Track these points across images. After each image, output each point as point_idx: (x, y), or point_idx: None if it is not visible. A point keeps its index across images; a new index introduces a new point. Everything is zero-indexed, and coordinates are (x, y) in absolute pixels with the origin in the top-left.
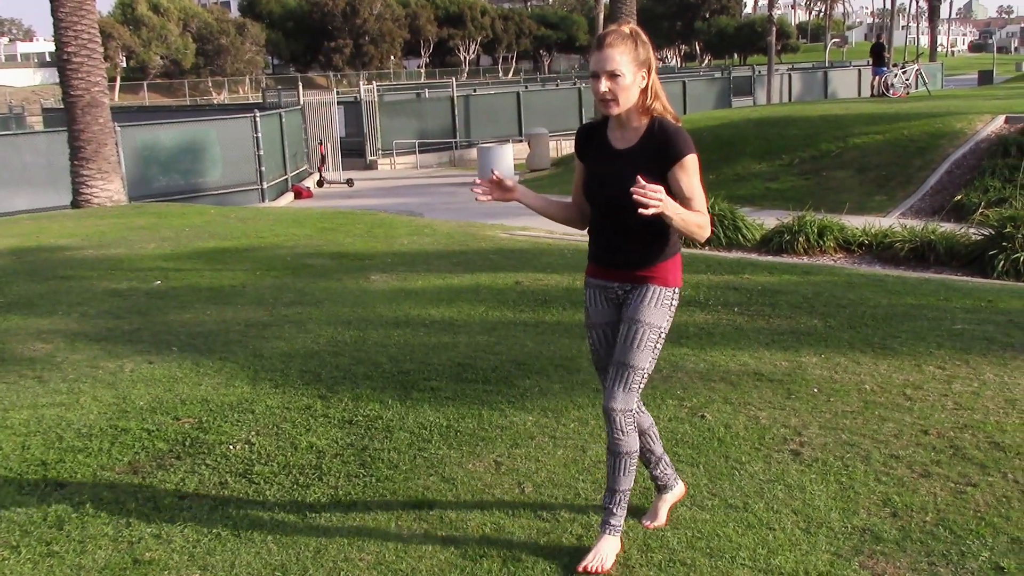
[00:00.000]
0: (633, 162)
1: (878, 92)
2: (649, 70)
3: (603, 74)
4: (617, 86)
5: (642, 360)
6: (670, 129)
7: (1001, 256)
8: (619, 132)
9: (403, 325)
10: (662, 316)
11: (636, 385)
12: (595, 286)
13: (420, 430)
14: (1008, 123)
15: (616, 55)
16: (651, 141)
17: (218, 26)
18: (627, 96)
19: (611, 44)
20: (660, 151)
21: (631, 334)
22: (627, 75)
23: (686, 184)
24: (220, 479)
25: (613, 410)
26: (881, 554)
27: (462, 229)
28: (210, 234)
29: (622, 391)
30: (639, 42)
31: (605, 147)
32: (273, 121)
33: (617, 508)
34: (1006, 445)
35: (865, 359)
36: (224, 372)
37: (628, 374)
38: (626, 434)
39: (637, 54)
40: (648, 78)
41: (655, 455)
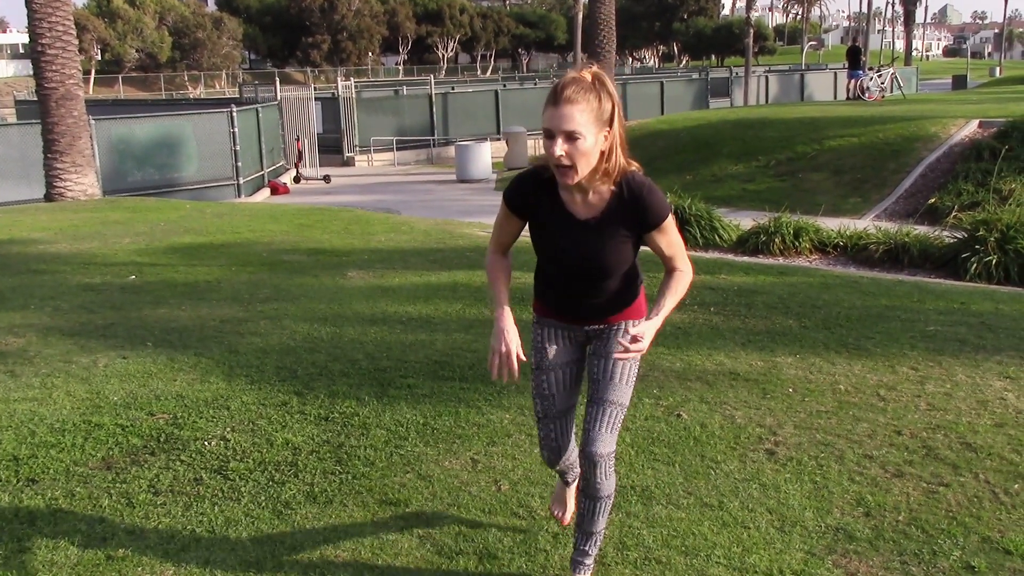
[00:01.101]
0: (602, 233)
1: (853, 95)
2: (612, 125)
3: (559, 134)
4: (576, 150)
5: (627, 395)
6: (643, 193)
7: (974, 259)
8: (579, 197)
9: (380, 322)
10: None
11: (617, 424)
12: (553, 326)
13: (397, 427)
14: (981, 127)
15: (576, 113)
16: (622, 208)
17: (195, 20)
18: (587, 161)
19: (570, 99)
20: (635, 220)
21: (616, 369)
22: (587, 136)
23: (666, 244)
24: (195, 475)
25: (598, 455)
26: (854, 553)
27: (439, 226)
28: (185, 229)
29: (608, 432)
30: (603, 93)
31: (562, 214)
32: (250, 116)
33: (591, 547)
34: (978, 446)
35: (840, 360)
36: (199, 368)
37: (615, 412)
38: (608, 477)
39: (601, 109)
40: (610, 137)
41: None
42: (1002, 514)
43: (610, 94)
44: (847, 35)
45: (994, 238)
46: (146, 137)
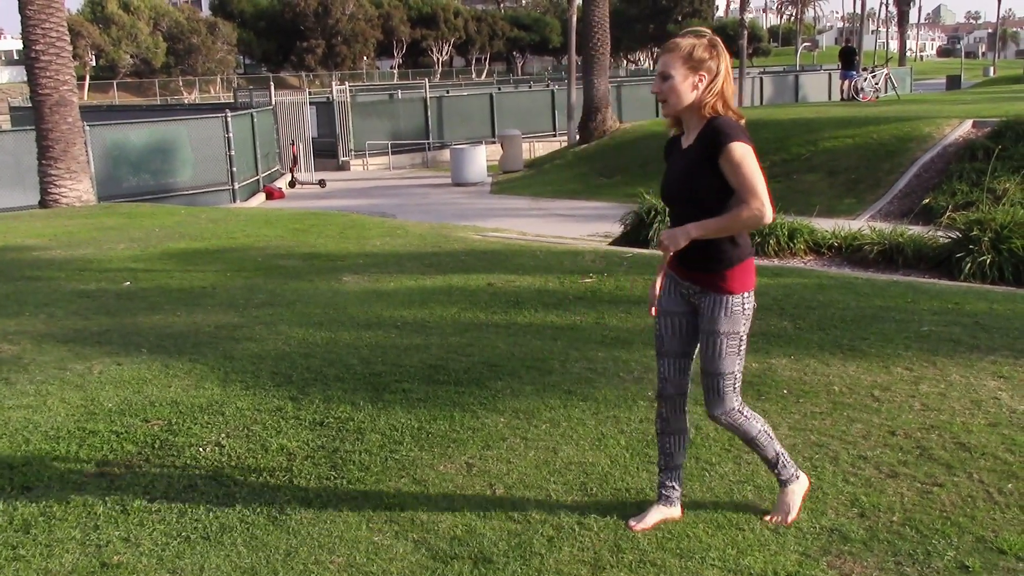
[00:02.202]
0: (689, 158)
1: (848, 96)
2: (709, 74)
3: (657, 75)
4: (667, 86)
5: (727, 366)
6: (717, 123)
7: (968, 259)
8: (687, 134)
9: (375, 327)
10: (737, 322)
11: (729, 388)
12: (671, 277)
13: (392, 432)
14: (975, 127)
15: (668, 59)
16: (703, 137)
17: (189, 25)
18: (677, 96)
19: (667, 49)
20: (707, 146)
21: (712, 346)
22: (676, 77)
23: (730, 174)
24: (190, 482)
25: (716, 417)
26: (848, 554)
27: (435, 230)
28: (180, 235)
29: (716, 397)
30: (698, 48)
31: (676, 147)
32: (245, 121)
33: (779, 468)
34: (972, 446)
35: (834, 360)
36: (194, 374)
37: (717, 381)
38: (740, 426)
39: (691, 58)
40: (707, 81)
41: (674, 463)
42: (996, 514)
43: (707, 47)
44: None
45: (988, 238)
46: (141, 143)
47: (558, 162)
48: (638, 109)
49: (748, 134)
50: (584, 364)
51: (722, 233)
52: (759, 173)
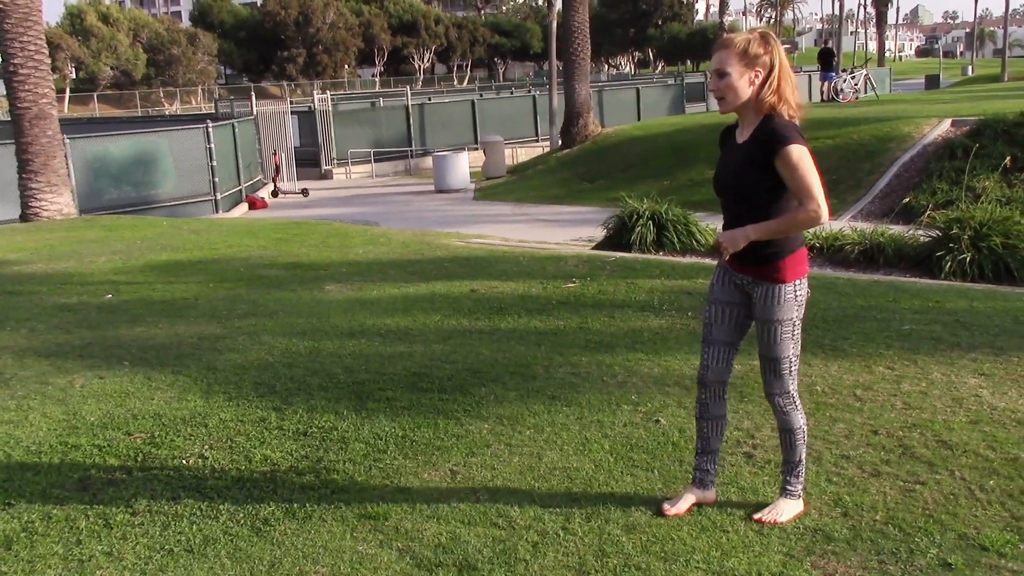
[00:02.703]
0: (743, 155)
1: (827, 97)
2: (765, 69)
3: (712, 73)
4: (724, 84)
5: (784, 351)
6: (773, 123)
7: (948, 257)
8: (743, 128)
9: (358, 335)
10: (790, 310)
11: (786, 370)
12: (724, 267)
13: (375, 440)
14: (954, 126)
15: (723, 55)
16: (758, 136)
17: (169, 36)
18: (734, 93)
19: (720, 46)
20: (763, 146)
21: (768, 333)
22: (733, 74)
23: (787, 176)
24: (173, 494)
25: (772, 395)
26: (832, 554)
27: (417, 238)
28: (162, 246)
29: (775, 378)
30: (753, 43)
31: (732, 142)
32: (226, 131)
33: (791, 477)
34: (953, 443)
35: (816, 361)
36: (177, 386)
37: (774, 364)
38: (788, 413)
39: (746, 54)
40: (764, 76)
41: (710, 447)
42: (978, 511)
43: (762, 43)
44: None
45: (968, 236)
46: (122, 155)
47: (541, 168)
48: (620, 113)
49: (802, 134)
50: (568, 369)
51: (779, 235)
52: (815, 174)
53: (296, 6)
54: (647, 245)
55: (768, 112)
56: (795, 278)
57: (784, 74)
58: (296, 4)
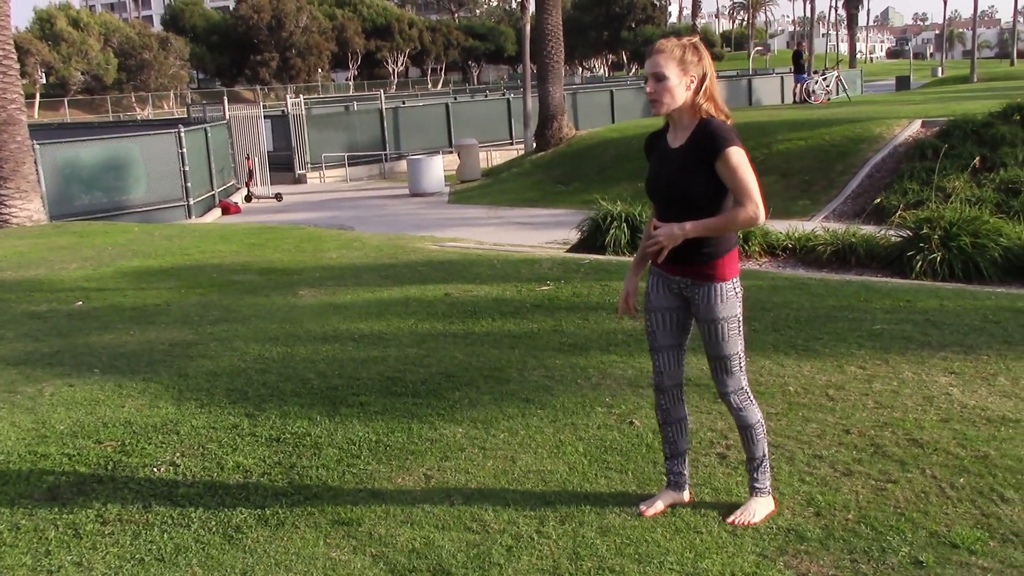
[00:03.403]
0: (682, 159)
1: (800, 99)
2: (700, 76)
3: (650, 76)
4: (661, 87)
5: (732, 348)
6: (712, 126)
7: (919, 257)
8: (675, 132)
9: (331, 340)
10: (732, 307)
11: (737, 367)
12: (657, 275)
13: (349, 446)
14: (924, 127)
15: (661, 60)
16: (696, 137)
17: (140, 41)
18: (671, 96)
19: (658, 50)
20: (703, 148)
21: (714, 333)
22: (671, 77)
23: (727, 177)
24: (144, 503)
25: (726, 393)
26: (805, 553)
27: (392, 242)
28: (134, 252)
29: (727, 376)
30: (689, 50)
31: (663, 146)
32: (198, 136)
33: (758, 473)
34: (924, 441)
35: (789, 361)
36: (148, 393)
37: (725, 362)
38: (744, 409)
39: (684, 59)
40: (698, 83)
41: (678, 449)
42: (948, 508)
43: (696, 51)
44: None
45: (938, 236)
46: (93, 160)
47: (515, 170)
48: (594, 116)
49: (739, 136)
50: (542, 372)
51: (717, 233)
52: (753, 176)
53: (269, 10)
54: (621, 247)
55: (704, 116)
56: (732, 276)
57: (714, 83)
58: (269, 8)
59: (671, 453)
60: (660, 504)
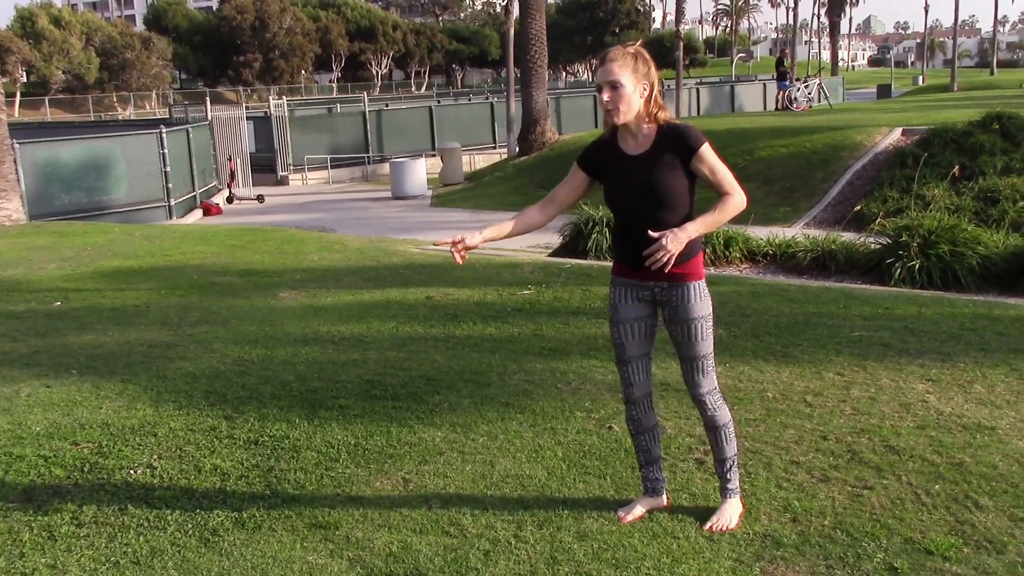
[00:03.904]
0: (652, 162)
1: (782, 106)
2: (651, 84)
3: (605, 85)
4: (618, 96)
5: (708, 347)
6: (680, 127)
7: (898, 264)
8: (631, 141)
9: (311, 342)
10: (707, 305)
11: (711, 367)
12: (624, 285)
13: (328, 449)
14: (905, 135)
15: (616, 68)
16: (665, 140)
17: (123, 40)
18: (628, 105)
19: (612, 59)
20: (677, 148)
21: (691, 332)
22: (627, 85)
23: (709, 171)
24: (120, 505)
25: (701, 394)
26: (781, 559)
27: (373, 244)
28: (114, 253)
29: (702, 377)
30: (640, 59)
31: (620, 156)
32: (180, 137)
33: (730, 474)
34: (900, 448)
35: (768, 367)
36: (126, 395)
37: (701, 362)
38: (717, 409)
39: (637, 68)
40: (650, 91)
41: (652, 457)
42: (924, 515)
43: (646, 60)
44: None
45: (916, 243)
46: (73, 160)
47: (498, 174)
48: (577, 121)
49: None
50: (522, 376)
51: (718, 226)
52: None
53: (252, 11)
54: (603, 252)
55: (663, 122)
56: (703, 275)
57: (659, 90)
58: (252, 9)
59: (646, 460)
60: (638, 510)
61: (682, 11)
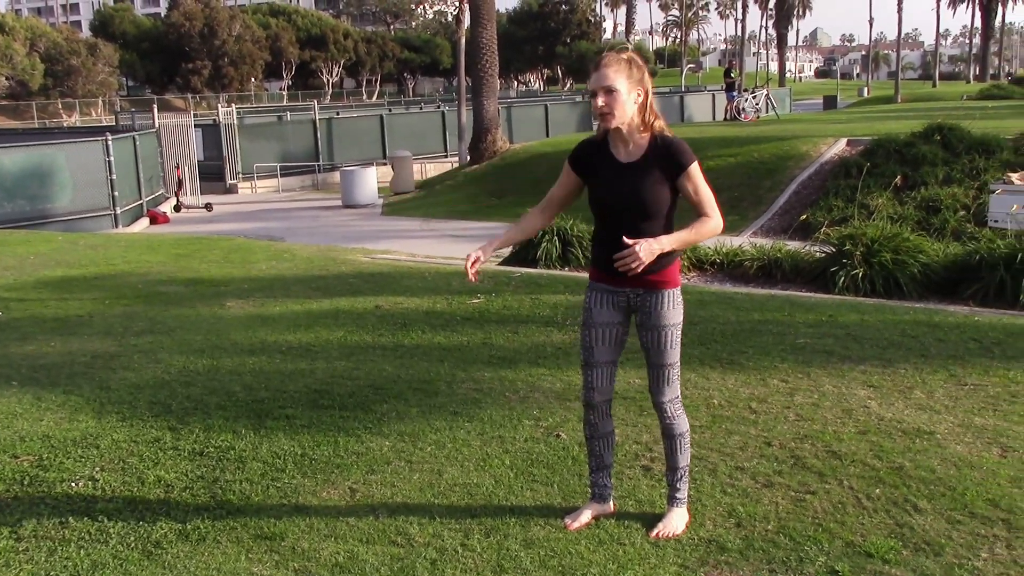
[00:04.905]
0: (641, 173)
1: (730, 116)
2: (645, 90)
3: (600, 90)
4: (613, 100)
5: (676, 355)
6: (673, 142)
7: (841, 272)
8: (622, 147)
9: (258, 352)
10: (679, 313)
11: (676, 376)
12: (601, 290)
13: (274, 459)
14: (849, 145)
15: (611, 73)
16: (656, 153)
17: (68, 46)
18: (623, 110)
19: (607, 64)
20: (667, 163)
21: (662, 339)
22: (622, 91)
23: (694, 190)
24: (61, 518)
25: (662, 403)
26: (725, 564)
27: (323, 253)
28: (57, 262)
29: (666, 385)
30: (634, 64)
31: (611, 161)
32: (126, 144)
33: (679, 483)
34: (843, 453)
35: (714, 374)
36: (68, 406)
37: (667, 371)
38: (676, 418)
39: (631, 73)
40: (644, 97)
41: (604, 463)
42: (864, 518)
43: (640, 65)
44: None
45: (860, 252)
46: (16, 168)
47: (449, 183)
48: (528, 130)
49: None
50: (471, 385)
51: (690, 245)
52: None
53: (201, 18)
54: (552, 261)
55: (658, 131)
56: (679, 283)
57: (653, 98)
58: (201, 16)
59: (597, 466)
60: (585, 516)
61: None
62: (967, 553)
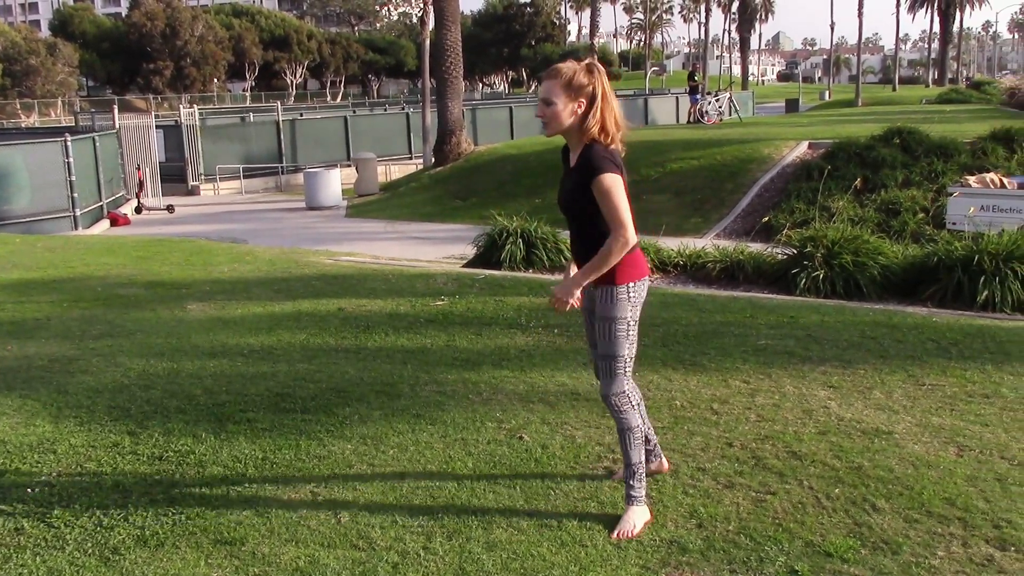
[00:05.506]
0: (573, 179)
1: (694, 119)
2: (587, 99)
3: (540, 101)
4: (549, 112)
5: (619, 349)
6: (591, 152)
7: (803, 274)
8: (572, 153)
9: (219, 355)
10: (623, 309)
11: (621, 370)
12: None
13: (234, 463)
14: (811, 148)
15: (550, 85)
16: (580, 162)
17: (27, 46)
18: (557, 121)
19: (550, 76)
20: (584, 173)
21: (605, 330)
22: (558, 103)
23: (600, 202)
24: (16, 525)
25: (606, 395)
26: (687, 564)
27: (286, 255)
28: (13, 264)
29: (610, 378)
30: (579, 74)
31: (566, 165)
32: (86, 145)
33: (634, 480)
34: (803, 454)
35: (676, 376)
36: (24, 411)
37: (609, 363)
38: (624, 412)
39: (571, 84)
40: (584, 107)
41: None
42: (824, 518)
43: (589, 74)
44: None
45: (821, 254)
46: None
47: (414, 185)
48: (493, 132)
49: (619, 161)
50: (433, 387)
51: (603, 270)
52: (624, 202)
53: (163, 18)
54: (517, 263)
55: (590, 140)
56: (627, 280)
57: (607, 104)
58: (163, 16)
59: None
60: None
61: (597, 25)
62: (924, 551)
